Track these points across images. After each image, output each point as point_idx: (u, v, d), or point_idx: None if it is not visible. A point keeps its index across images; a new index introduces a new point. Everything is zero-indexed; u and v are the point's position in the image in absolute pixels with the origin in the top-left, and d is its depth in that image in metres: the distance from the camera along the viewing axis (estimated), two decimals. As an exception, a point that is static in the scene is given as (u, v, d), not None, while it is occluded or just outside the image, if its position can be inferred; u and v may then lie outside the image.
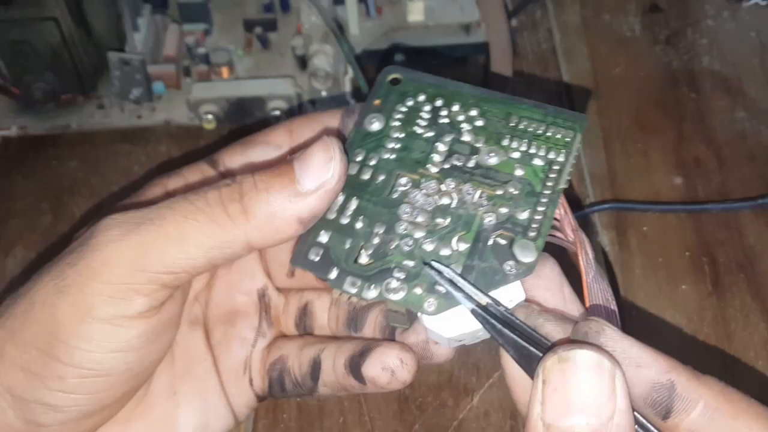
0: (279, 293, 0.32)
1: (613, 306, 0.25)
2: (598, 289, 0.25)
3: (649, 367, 0.21)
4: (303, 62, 0.48)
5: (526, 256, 0.24)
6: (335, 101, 0.46)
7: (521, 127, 0.26)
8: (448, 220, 0.25)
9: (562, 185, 0.25)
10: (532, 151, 0.25)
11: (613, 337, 0.21)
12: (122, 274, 0.23)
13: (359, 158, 0.26)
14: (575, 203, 0.43)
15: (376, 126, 0.27)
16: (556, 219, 0.25)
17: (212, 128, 0.46)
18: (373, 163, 0.26)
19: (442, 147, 0.26)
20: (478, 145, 0.26)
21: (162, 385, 0.29)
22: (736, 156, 0.45)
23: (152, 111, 0.47)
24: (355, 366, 0.28)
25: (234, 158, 0.29)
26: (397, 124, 0.27)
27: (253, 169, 0.28)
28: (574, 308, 0.25)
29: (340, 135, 0.28)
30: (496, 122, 0.26)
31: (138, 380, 0.26)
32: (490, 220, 0.24)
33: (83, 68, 0.46)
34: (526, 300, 0.24)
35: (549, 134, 0.26)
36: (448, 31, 0.51)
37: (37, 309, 0.24)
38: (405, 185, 0.25)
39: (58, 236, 0.43)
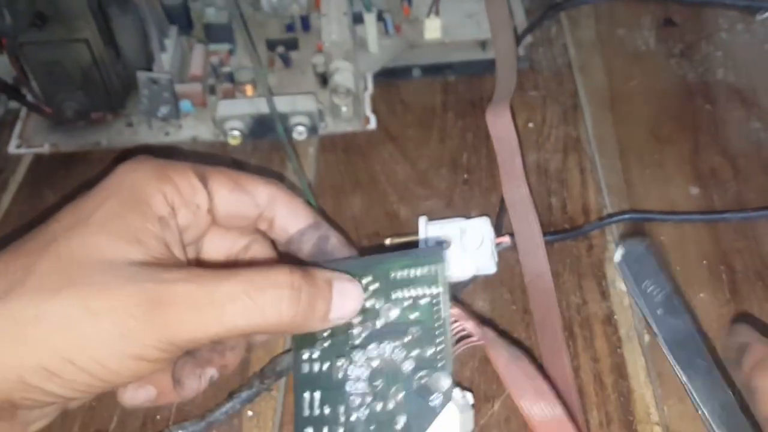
0: None
1: (539, 381, 0.31)
2: (516, 370, 0.31)
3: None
4: (324, 79, 0.49)
5: (443, 385, 0.29)
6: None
7: (399, 278, 0.31)
8: (381, 380, 0.30)
9: (447, 311, 0.30)
10: (414, 293, 0.30)
11: None
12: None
13: (306, 356, 0.31)
14: (593, 214, 0.43)
15: None
16: (463, 330, 0.32)
17: (237, 144, 0.47)
18: (316, 356, 0.31)
19: (356, 320, 0.31)
20: (378, 306, 0.31)
21: None
22: (752, 166, 0.45)
23: (179, 128, 0.49)
24: None
25: (222, 191, 0.31)
26: None
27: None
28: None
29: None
30: (384, 281, 0.31)
31: None
32: (408, 366, 0.30)
33: (112, 88, 0.48)
34: None
35: (419, 274, 0.30)
36: (465, 48, 0.52)
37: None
38: (343, 365, 0.31)
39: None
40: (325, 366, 0.31)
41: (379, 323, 0.31)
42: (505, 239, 0.40)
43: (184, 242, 0.31)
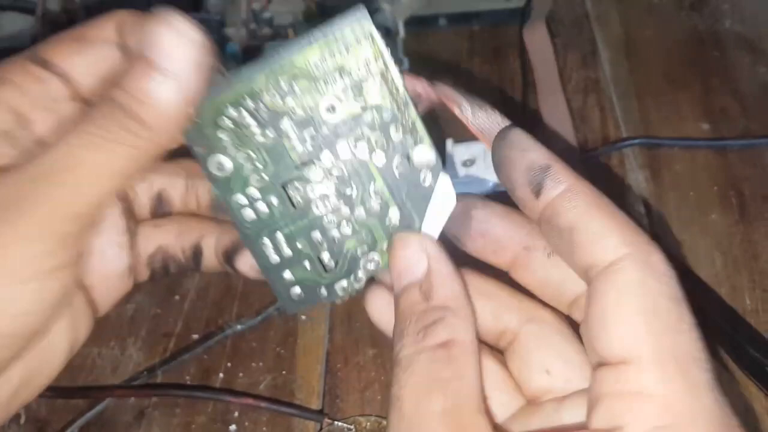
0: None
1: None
2: (485, 121, 0.25)
3: (532, 151, 0.23)
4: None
5: (426, 157, 0.24)
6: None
7: (325, 67, 0.23)
8: (352, 186, 0.24)
9: (402, 87, 0.23)
10: (355, 78, 0.23)
11: (512, 132, 0.23)
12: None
13: (244, 201, 0.25)
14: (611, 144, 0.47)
15: (227, 167, 0.24)
16: (418, 95, 0.25)
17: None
18: (258, 196, 0.25)
19: (292, 134, 0.24)
20: (312, 114, 0.23)
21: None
22: (759, 105, 0.49)
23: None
24: (229, 259, 0.28)
25: (68, 58, 0.24)
26: (238, 151, 0.24)
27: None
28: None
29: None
30: (305, 81, 0.23)
31: None
32: (379, 159, 0.24)
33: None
34: None
35: (351, 53, 0.23)
36: (489, -3, 0.55)
37: None
38: (298, 190, 0.25)
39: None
40: (274, 200, 0.25)
41: (323, 129, 0.24)
42: None
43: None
